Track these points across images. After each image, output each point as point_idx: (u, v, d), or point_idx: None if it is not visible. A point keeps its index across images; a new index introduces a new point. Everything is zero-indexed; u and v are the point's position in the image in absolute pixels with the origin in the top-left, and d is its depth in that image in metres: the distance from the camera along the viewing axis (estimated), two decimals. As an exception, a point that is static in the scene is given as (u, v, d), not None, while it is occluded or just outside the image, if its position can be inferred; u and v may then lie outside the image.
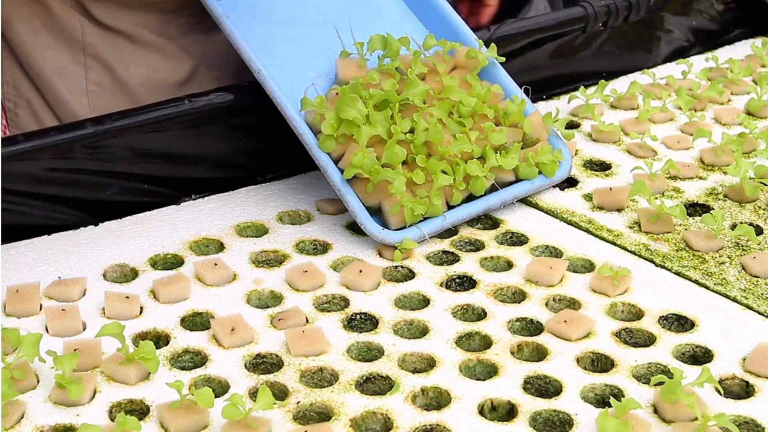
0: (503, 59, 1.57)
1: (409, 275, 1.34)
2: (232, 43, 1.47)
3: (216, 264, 1.32)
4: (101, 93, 1.67)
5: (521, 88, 1.56)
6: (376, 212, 1.40)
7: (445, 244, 1.41)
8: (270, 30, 1.54)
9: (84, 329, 1.21)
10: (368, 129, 1.38)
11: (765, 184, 1.53)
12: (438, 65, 1.50)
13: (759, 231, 1.44)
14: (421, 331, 1.23)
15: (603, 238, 1.43)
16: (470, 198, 1.45)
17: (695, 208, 1.51)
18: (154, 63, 1.69)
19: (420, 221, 1.39)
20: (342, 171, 1.39)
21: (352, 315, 1.25)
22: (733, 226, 1.44)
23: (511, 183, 1.48)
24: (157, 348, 1.16)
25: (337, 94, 1.44)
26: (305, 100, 1.43)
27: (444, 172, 1.39)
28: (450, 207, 1.42)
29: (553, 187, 1.55)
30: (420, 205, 1.37)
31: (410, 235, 1.37)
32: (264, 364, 1.17)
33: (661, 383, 1.09)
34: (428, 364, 1.17)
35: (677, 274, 1.35)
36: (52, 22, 1.65)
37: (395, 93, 1.43)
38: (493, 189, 1.45)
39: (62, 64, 1.66)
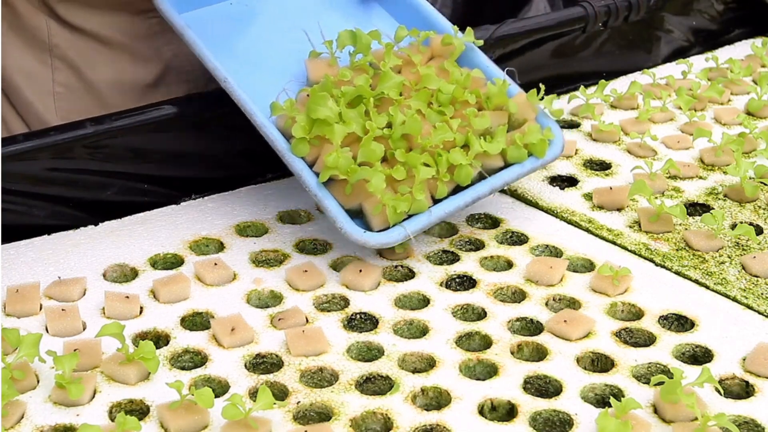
0: (481, 42, 1.52)
1: (409, 275, 1.34)
2: (196, 54, 1.43)
3: (216, 264, 1.32)
4: (68, 95, 1.64)
5: (505, 71, 1.50)
6: (358, 215, 1.34)
7: (444, 244, 1.41)
8: (236, 38, 1.51)
9: (84, 329, 1.21)
10: (342, 127, 1.31)
11: (765, 184, 1.54)
12: (413, 56, 1.45)
13: (759, 231, 1.44)
14: (421, 331, 1.23)
15: (603, 238, 1.43)
16: (458, 190, 1.38)
17: (695, 208, 1.51)
18: (122, 65, 1.66)
19: (404, 219, 1.32)
20: (318, 175, 1.33)
21: (352, 315, 1.25)
22: (733, 226, 1.44)
23: (501, 169, 1.41)
24: (157, 348, 1.16)
25: (308, 95, 1.37)
26: (275, 105, 1.37)
27: (426, 165, 1.33)
28: (437, 201, 1.36)
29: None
30: (402, 202, 1.30)
31: (394, 235, 1.31)
32: (264, 364, 1.17)
33: (661, 383, 1.09)
34: (428, 364, 1.17)
35: (677, 273, 1.35)
36: (18, 23, 1.62)
37: (369, 88, 1.37)
38: (481, 178, 1.39)
39: (28, 65, 1.63)
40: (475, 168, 1.37)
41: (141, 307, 1.25)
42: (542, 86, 1.49)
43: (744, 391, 1.15)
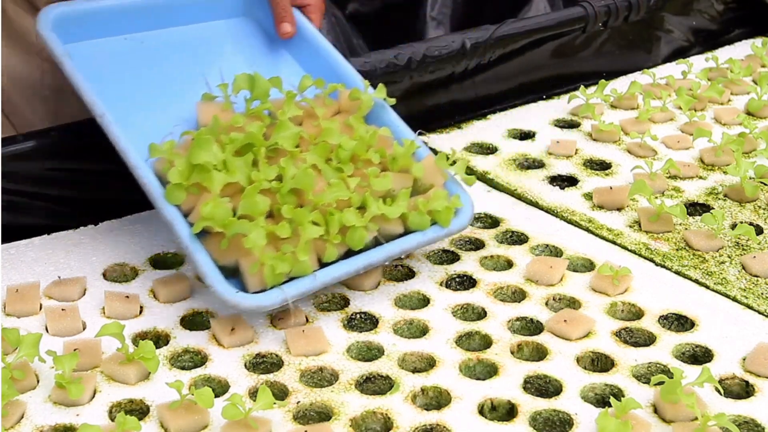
0: (393, 101, 1.41)
1: (409, 274, 1.34)
2: (74, 87, 1.30)
3: (216, 264, 1.32)
4: (57, 98, 1.62)
5: (416, 133, 1.40)
6: (235, 273, 1.20)
7: (445, 243, 1.41)
8: (126, 75, 1.38)
9: (84, 329, 1.21)
10: (222, 175, 1.20)
11: (765, 184, 1.54)
12: (317, 109, 1.34)
13: (759, 230, 1.44)
14: (421, 331, 1.23)
15: (603, 238, 1.43)
16: (352, 254, 1.25)
17: (695, 208, 1.51)
18: None
19: (285, 282, 1.19)
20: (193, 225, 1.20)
21: (352, 314, 1.25)
22: (733, 226, 1.44)
23: (401, 236, 1.29)
24: (157, 348, 1.16)
25: (192, 139, 1.24)
26: (153, 147, 1.24)
27: (315, 224, 1.21)
28: (325, 265, 1.23)
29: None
30: (283, 262, 1.16)
31: (271, 299, 1.17)
32: (264, 363, 1.17)
33: (661, 383, 1.09)
34: (428, 363, 1.17)
35: (677, 273, 1.35)
36: (7, 26, 1.60)
37: (262, 137, 1.26)
38: (378, 243, 1.27)
39: (16, 68, 1.61)
40: (370, 232, 1.25)
41: (141, 307, 1.25)
42: (453, 150, 1.42)
43: (744, 391, 1.15)
